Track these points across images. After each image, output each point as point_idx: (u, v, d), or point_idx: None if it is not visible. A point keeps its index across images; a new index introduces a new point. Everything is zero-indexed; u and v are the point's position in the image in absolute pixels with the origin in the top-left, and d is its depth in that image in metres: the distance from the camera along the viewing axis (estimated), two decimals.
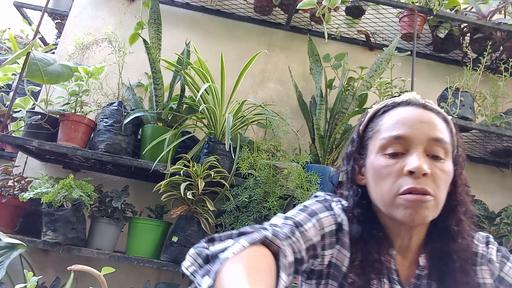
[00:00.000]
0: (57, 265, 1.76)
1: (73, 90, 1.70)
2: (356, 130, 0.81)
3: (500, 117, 1.91)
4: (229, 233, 0.62)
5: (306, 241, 0.70)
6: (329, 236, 0.74)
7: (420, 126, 0.70)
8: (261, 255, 0.58)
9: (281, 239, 0.63)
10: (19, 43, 2.33)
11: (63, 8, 2.40)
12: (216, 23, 2.22)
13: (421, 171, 0.66)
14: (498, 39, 2.06)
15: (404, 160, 0.69)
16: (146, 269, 1.80)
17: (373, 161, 0.73)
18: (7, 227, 1.58)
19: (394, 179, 0.69)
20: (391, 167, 0.70)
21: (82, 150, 1.58)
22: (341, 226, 0.76)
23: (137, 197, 1.82)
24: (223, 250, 0.58)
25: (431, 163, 0.68)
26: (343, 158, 0.84)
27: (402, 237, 0.75)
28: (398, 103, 0.76)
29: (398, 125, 0.71)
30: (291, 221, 0.71)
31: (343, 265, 0.74)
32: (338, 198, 0.82)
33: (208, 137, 1.65)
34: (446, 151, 0.71)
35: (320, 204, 0.78)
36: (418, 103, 0.75)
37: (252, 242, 0.58)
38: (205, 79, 1.69)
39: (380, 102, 0.80)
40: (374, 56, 2.23)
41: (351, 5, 2.01)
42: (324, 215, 0.75)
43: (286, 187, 1.57)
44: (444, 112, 0.76)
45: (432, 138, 0.69)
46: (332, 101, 1.94)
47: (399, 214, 0.69)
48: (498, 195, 2.12)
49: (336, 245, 0.75)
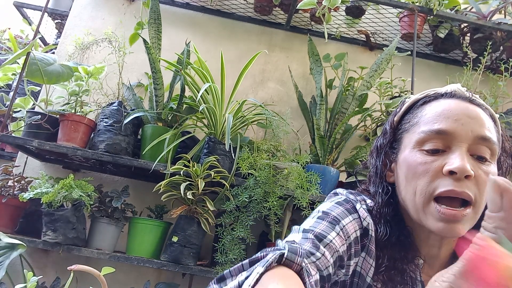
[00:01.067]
0: (57, 265, 1.76)
1: (73, 90, 1.70)
2: (390, 121, 0.72)
3: (500, 117, 1.91)
4: (239, 266, 0.52)
5: (333, 255, 0.60)
6: (355, 243, 0.66)
7: (466, 121, 0.61)
8: (284, 276, 0.48)
9: (302, 255, 0.51)
10: (19, 43, 2.33)
11: (63, 8, 2.40)
12: (216, 23, 2.22)
13: (464, 172, 0.58)
14: (498, 39, 2.06)
15: (445, 158, 0.61)
16: (146, 269, 1.80)
17: (408, 157, 0.65)
18: (7, 227, 1.58)
19: (430, 179, 0.61)
20: (429, 165, 0.61)
21: (82, 150, 1.58)
22: (367, 231, 0.67)
23: (137, 197, 1.82)
24: (239, 286, 0.47)
25: (475, 165, 0.60)
26: (371, 151, 0.75)
27: (430, 245, 0.67)
28: (441, 94, 0.68)
29: (441, 118, 0.63)
30: (312, 234, 0.60)
31: (367, 275, 0.67)
32: (362, 197, 0.73)
33: (208, 137, 1.65)
34: (493, 152, 0.62)
35: (342, 207, 0.68)
36: (464, 96, 0.66)
37: (268, 265, 0.48)
38: (205, 79, 1.69)
39: (423, 92, 0.70)
40: (374, 56, 2.23)
41: (351, 5, 2.01)
42: (347, 221, 0.66)
43: (286, 187, 1.57)
44: (492, 110, 0.68)
45: (479, 136, 0.61)
46: (332, 101, 1.94)
47: (430, 224, 0.61)
48: None
49: (361, 253, 0.67)
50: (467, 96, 0.66)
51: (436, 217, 0.59)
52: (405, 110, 0.71)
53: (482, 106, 0.66)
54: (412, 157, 0.64)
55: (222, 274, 0.52)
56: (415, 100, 0.70)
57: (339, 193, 0.75)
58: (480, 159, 0.61)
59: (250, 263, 0.51)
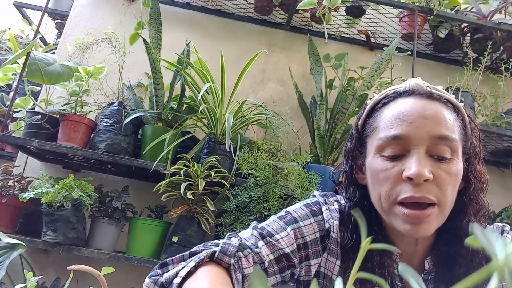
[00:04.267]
0: (57, 265, 1.76)
1: (73, 90, 1.70)
2: (355, 125, 0.73)
3: (500, 117, 1.91)
4: (181, 256, 0.64)
5: (274, 252, 0.66)
6: (314, 244, 0.70)
7: (421, 123, 0.61)
8: (210, 273, 0.57)
9: (231, 254, 0.60)
10: (19, 43, 2.33)
11: (63, 8, 2.40)
12: (216, 23, 2.22)
13: (421, 178, 0.58)
14: (499, 39, 2.05)
15: (404, 163, 0.61)
16: (146, 269, 1.79)
17: (371, 163, 0.66)
18: (7, 227, 1.58)
19: (392, 185, 0.61)
20: (389, 171, 0.62)
21: (82, 150, 1.58)
22: (328, 233, 0.71)
23: (137, 197, 1.82)
24: (176, 275, 0.58)
25: (435, 166, 0.60)
26: (343, 154, 0.76)
27: (406, 243, 0.69)
28: (399, 93, 0.67)
29: (397, 123, 0.62)
30: (257, 232, 0.68)
31: (333, 274, 0.70)
32: (336, 198, 0.77)
33: (208, 137, 1.65)
34: (454, 149, 0.62)
35: (307, 209, 0.73)
36: (423, 91, 0.65)
37: (200, 262, 0.59)
38: (205, 79, 1.69)
39: (382, 91, 0.70)
40: (374, 56, 2.23)
41: (351, 5, 2.01)
42: (307, 222, 0.71)
43: (286, 187, 1.57)
44: (454, 99, 0.66)
45: (435, 136, 0.60)
46: (332, 101, 1.94)
47: (397, 226, 0.62)
48: (498, 195, 2.12)
49: (323, 253, 0.71)
50: (426, 91, 0.65)
51: (402, 219, 0.61)
52: (367, 113, 0.71)
53: (442, 98, 0.65)
54: (374, 164, 0.65)
55: (165, 260, 0.64)
56: (375, 102, 0.69)
57: (313, 196, 0.78)
58: (440, 159, 0.61)
59: (190, 255, 0.63)
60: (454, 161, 0.62)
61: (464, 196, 0.66)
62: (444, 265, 0.67)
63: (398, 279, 0.68)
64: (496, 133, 1.85)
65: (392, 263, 0.67)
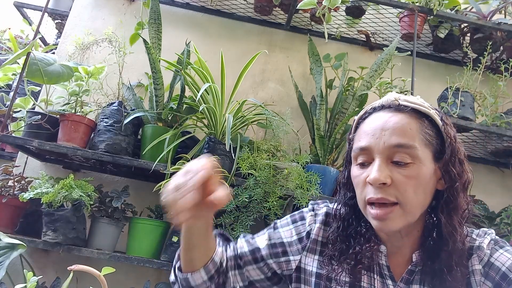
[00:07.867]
0: (57, 265, 1.76)
1: (73, 90, 1.70)
2: (347, 138, 0.84)
3: (500, 117, 1.91)
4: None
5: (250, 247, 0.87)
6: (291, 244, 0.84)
7: (380, 135, 0.71)
8: None
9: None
10: (19, 43, 2.33)
11: (63, 8, 2.40)
12: (216, 23, 2.22)
13: (377, 182, 0.68)
14: (498, 39, 2.06)
15: (368, 170, 0.71)
16: (146, 269, 1.80)
17: (351, 170, 0.77)
18: (7, 227, 1.58)
19: (362, 189, 0.73)
20: (360, 177, 0.73)
21: (82, 150, 1.58)
22: (309, 234, 0.83)
23: (137, 197, 1.82)
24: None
25: (394, 170, 0.69)
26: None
27: (392, 236, 0.76)
28: (374, 108, 0.78)
29: (364, 136, 0.74)
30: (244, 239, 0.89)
31: (312, 267, 0.81)
32: (326, 204, 0.89)
33: (208, 137, 1.65)
34: (413, 155, 0.69)
35: (290, 218, 0.88)
36: (392, 105, 0.74)
37: None
38: (205, 79, 1.69)
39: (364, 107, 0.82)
40: (374, 56, 2.23)
41: (351, 5, 2.01)
42: (286, 229, 0.86)
43: (286, 187, 1.57)
44: (425, 108, 0.73)
45: (391, 146, 0.69)
46: (332, 101, 1.94)
47: (371, 222, 0.73)
48: (498, 195, 2.12)
49: (302, 252, 0.83)
50: (394, 105, 0.74)
51: (372, 217, 0.71)
52: (354, 127, 0.82)
53: (408, 109, 0.73)
54: (352, 171, 0.77)
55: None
56: (359, 117, 0.80)
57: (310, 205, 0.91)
58: (400, 164, 0.69)
59: None
60: (415, 165, 0.69)
61: (441, 195, 0.73)
62: (428, 258, 0.74)
63: (386, 269, 0.76)
64: (496, 133, 1.85)
65: (379, 255, 0.77)
